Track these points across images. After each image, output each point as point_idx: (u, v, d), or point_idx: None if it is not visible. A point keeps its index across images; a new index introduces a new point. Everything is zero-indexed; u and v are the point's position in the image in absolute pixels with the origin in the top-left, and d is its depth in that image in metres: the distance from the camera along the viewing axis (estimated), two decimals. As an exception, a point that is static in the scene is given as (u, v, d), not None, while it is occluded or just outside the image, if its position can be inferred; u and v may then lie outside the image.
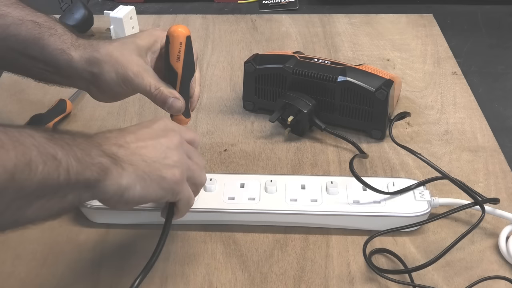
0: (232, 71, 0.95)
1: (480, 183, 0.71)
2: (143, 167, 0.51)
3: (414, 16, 1.10)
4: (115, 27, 1.00)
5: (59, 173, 0.44)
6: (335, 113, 0.79)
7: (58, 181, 0.44)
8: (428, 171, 0.71)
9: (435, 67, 0.94)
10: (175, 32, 0.59)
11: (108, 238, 0.65)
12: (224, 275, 0.61)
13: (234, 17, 1.11)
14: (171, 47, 0.60)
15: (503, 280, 0.59)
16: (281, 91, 0.80)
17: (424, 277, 0.60)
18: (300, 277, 0.60)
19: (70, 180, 0.45)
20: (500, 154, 0.76)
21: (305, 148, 0.78)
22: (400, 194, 0.65)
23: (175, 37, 0.60)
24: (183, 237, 0.65)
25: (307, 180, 0.68)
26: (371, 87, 0.75)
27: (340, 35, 1.04)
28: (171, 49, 0.60)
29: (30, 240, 0.64)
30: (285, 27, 1.07)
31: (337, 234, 0.65)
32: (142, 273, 0.53)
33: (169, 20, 1.10)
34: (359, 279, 0.60)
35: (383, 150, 0.77)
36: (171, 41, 0.60)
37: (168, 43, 0.60)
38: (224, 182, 0.68)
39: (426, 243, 0.64)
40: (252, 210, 0.65)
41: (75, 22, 1.00)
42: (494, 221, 0.66)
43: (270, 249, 0.63)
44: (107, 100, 0.66)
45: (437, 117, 0.83)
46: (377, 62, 0.96)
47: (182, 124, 0.65)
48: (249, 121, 0.83)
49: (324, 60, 0.79)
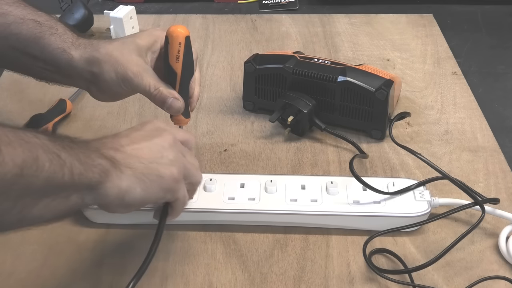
0: (232, 71, 0.95)
1: (480, 183, 0.71)
2: (141, 169, 0.51)
3: (414, 16, 1.10)
4: (115, 27, 1.00)
5: (64, 172, 0.44)
6: (335, 113, 0.79)
7: (63, 180, 0.44)
8: (428, 171, 0.71)
9: (435, 67, 0.94)
10: (174, 32, 0.59)
11: (108, 238, 0.65)
12: (224, 275, 0.61)
13: (234, 17, 1.11)
14: (170, 47, 0.60)
15: (503, 280, 0.59)
16: (281, 91, 0.80)
17: (424, 277, 0.60)
18: (300, 277, 0.60)
19: (74, 180, 0.45)
20: (500, 154, 0.76)
21: (305, 148, 0.78)
22: (400, 194, 0.65)
23: (174, 37, 0.60)
24: (183, 237, 0.65)
25: (307, 180, 0.68)
26: (371, 87, 0.75)
27: (340, 35, 1.04)
28: (170, 49, 0.60)
29: (30, 241, 0.64)
30: (285, 27, 1.07)
31: (337, 234, 0.65)
32: (135, 277, 0.53)
33: (169, 20, 1.10)
34: (359, 279, 0.60)
35: (383, 150, 0.77)
36: (170, 41, 0.60)
37: (167, 43, 0.60)
38: (224, 182, 0.68)
39: (426, 243, 0.64)
40: (252, 210, 0.65)
41: (75, 22, 0.99)
42: (494, 221, 0.66)
43: (270, 249, 0.63)
44: (107, 100, 0.66)
45: (437, 117, 0.83)
46: (377, 62, 0.96)
47: (182, 124, 0.65)
48: (249, 121, 0.83)
49: (324, 60, 0.79)
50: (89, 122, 0.83)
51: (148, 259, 0.54)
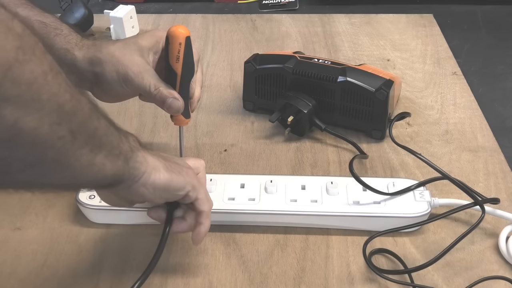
0: (232, 71, 0.95)
1: (480, 183, 0.71)
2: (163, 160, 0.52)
3: (414, 16, 1.09)
4: (115, 27, 1.00)
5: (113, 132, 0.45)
6: (335, 113, 0.79)
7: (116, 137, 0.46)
8: (428, 171, 0.71)
9: (435, 67, 0.94)
10: (174, 33, 0.60)
11: (108, 238, 0.65)
12: (224, 275, 0.61)
13: (234, 17, 1.11)
14: (170, 47, 0.60)
15: (503, 280, 0.59)
16: (281, 91, 0.80)
17: (424, 277, 0.60)
18: (300, 277, 0.60)
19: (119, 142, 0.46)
20: (500, 154, 0.76)
21: (305, 148, 0.78)
22: (400, 194, 0.65)
23: (175, 38, 0.60)
24: (183, 237, 0.65)
25: (307, 180, 0.68)
26: (371, 87, 0.75)
27: (340, 35, 1.04)
28: (171, 50, 0.60)
29: (30, 240, 0.65)
30: (285, 27, 1.07)
31: (337, 234, 0.65)
32: (139, 280, 0.53)
33: (169, 20, 1.10)
34: (359, 279, 0.60)
35: (383, 150, 0.77)
36: (171, 41, 0.60)
37: (168, 44, 0.60)
38: (224, 182, 0.68)
39: (426, 243, 0.64)
40: (252, 210, 0.65)
41: (75, 22, 0.99)
42: (494, 221, 0.66)
43: (270, 250, 0.63)
44: (110, 100, 0.67)
45: (437, 117, 0.83)
46: (377, 62, 0.96)
47: (182, 125, 0.65)
48: (249, 121, 0.83)
49: (324, 60, 0.79)
50: (89, 122, 0.83)
51: (151, 265, 0.54)
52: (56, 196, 0.70)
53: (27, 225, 0.67)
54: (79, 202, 0.65)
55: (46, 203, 0.69)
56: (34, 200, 0.69)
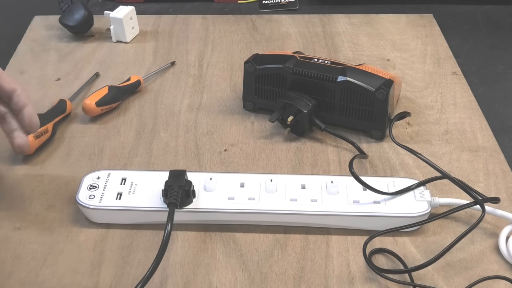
0: (232, 71, 0.95)
1: (480, 183, 0.71)
2: None
3: (414, 16, 1.10)
4: (115, 28, 1.00)
5: None
6: (335, 113, 0.79)
7: None
8: (428, 171, 0.71)
9: (435, 67, 0.94)
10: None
11: (108, 238, 0.65)
12: (224, 275, 0.61)
13: (234, 17, 1.11)
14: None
15: (503, 280, 0.59)
16: (281, 91, 0.80)
17: (424, 277, 0.60)
18: (300, 277, 0.60)
19: None
20: (500, 154, 0.76)
21: (305, 148, 0.78)
22: (400, 194, 0.65)
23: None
24: (183, 237, 0.65)
25: (307, 180, 0.68)
26: (371, 87, 0.75)
27: (340, 35, 1.04)
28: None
29: (30, 240, 0.65)
30: (285, 27, 1.07)
31: (337, 234, 0.65)
32: (140, 282, 0.53)
33: (169, 20, 1.10)
34: (359, 279, 0.60)
35: (383, 150, 0.77)
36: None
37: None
38: (224, 181, 0.68)
39: (426, 243, 0.64)
40: (252, 210, 0.65)
41: (75, 23, 1.00)
42: (494, 221, 0.66)
43: (270, 249, 0.63)
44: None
45: (437, 117, 0.83)
46: (377, 62, 0.96)
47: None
48: (249, 121, 0.83)
49: (324, 60, 0.79)
50: (89, 123, 0.83)
51: (152, 267, 0.54)
52: (56, 196, 0.70)
53: (27, 225, 0.67)
54: (79, 202, 0.65)
55: (46, 203, 0.69)
56: (34, 200, 0.70)
